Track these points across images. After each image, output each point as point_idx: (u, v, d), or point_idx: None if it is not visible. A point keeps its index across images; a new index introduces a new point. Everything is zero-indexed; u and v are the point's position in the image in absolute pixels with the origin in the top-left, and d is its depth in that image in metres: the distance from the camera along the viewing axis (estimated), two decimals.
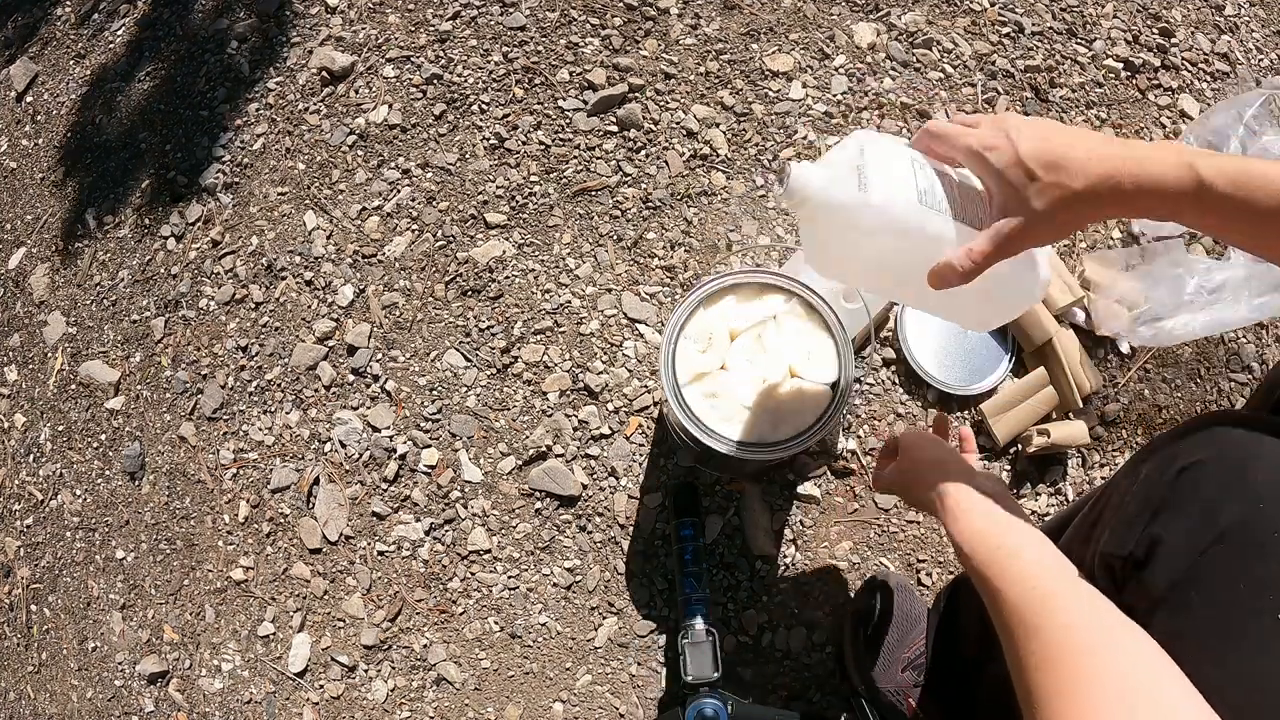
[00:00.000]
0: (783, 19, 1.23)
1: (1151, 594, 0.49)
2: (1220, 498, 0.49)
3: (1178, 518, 0.50)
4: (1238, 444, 0.51)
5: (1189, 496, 0.51)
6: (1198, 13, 1.26)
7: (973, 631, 0.80)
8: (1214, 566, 0.47)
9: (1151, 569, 0.50)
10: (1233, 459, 0.50)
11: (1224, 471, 0.50)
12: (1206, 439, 0.53)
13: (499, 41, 1.24)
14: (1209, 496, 0.50)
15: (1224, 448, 0.51)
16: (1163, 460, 0.54)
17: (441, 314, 1.13)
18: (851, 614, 0.95)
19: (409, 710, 1.01)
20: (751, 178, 1.15)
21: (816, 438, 0.81)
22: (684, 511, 0.97)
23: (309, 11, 1.32)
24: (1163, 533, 0.50)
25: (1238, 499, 0.48)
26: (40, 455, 1.23)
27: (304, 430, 1.12)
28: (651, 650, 1.00)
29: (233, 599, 1.09)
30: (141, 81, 1.37)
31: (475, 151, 1.20)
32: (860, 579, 1.01)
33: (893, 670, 0.88)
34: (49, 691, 1.13)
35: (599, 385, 1.07)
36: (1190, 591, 0.48)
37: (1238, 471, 0.49)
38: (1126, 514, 0.54)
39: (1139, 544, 0.51)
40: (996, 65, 1.20)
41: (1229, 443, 0.51)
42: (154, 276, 1.24)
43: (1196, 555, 0.48)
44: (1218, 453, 0.51)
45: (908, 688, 0.87)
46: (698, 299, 0.85)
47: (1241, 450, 0.50)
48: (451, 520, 1.06)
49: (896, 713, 0.88)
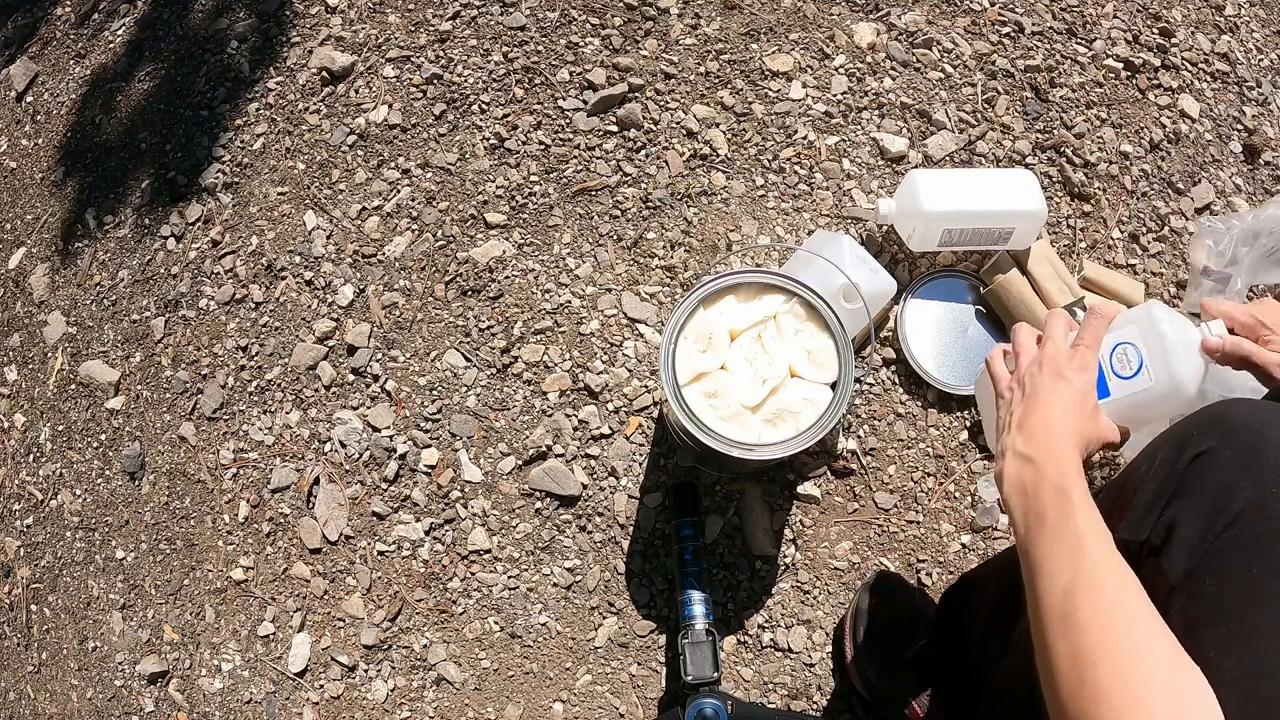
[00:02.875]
0: (783, 19, 1.23)
1: (1168, 579, 0.50)
2: (1233, 482, 0.50)
3: (1192, 503, 0.51)
4: (1249, 428, 0.51)
5: (1202, 482, 0.51)
6: (1198, 13, 1.26)
7: (974, 632, 0.80)
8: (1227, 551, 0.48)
9: (1168, 554, 0.50)
10: (1245, 443, 0.51)
11: (1236, 456, 0.51)
12: (1219, 425, 0.53)
13: (499, 41, 1.24)
14: (1222, 481, 0.50)
15: (1236, 432, 0.52)
16: (1176, 447, 0.54)
17: (441, 314, 1.13)
18: (852, 614, 0.95)
19: (409, 710, 1.01)
20: (751, 178, 1.15)
21: (816, 438, 0.81)
22: (684, 511, 0.97)
23: (309, 11, 1.32)
24: (1178, 518, 0.51)
25: (1250, 483, 0.49)
26: (40, 455, 1.23)
27: (304, 430, 1.12)
28: (651, 650, 1.00)
29: (233, 599, 1.09)
30: (141, 81, 1.37)
31: (475, 151, 1.20)
32: (860, 579, 1.01)
33: (892, 670, 0.88)
34: (49, 691, 1.13)
35: (599, 385, 1.07)
36: (1205, 577, 0.48)
37: (1250, 455, 0.50)
38: (1142, 501, 0.54)
39: (1155, 530, 0.52)
40: (996, 65, 1.20)
41: (1241, 427, 0.52)
42: (154, 276, 1.24)
43: (1210, 540, 0.48)
44: (1230, 438, 0.52)
45: (908, 687, 0.87)
46: (698, 299, 0.85)
47: (1253, 435, 0.51)
48: (451, 520, 1.06)
49: (896, 713, 0.88)
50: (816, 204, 1.14)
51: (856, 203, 1.14)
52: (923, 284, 1.09)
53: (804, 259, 1.03)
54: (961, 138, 1.16)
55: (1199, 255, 1.07)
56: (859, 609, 0.93)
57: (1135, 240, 1.13)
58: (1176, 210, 1.15)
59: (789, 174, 1.15)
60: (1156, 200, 1.15)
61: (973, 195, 1.01)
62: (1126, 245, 1.13)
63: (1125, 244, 1.13)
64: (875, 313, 1.01)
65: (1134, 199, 1.15)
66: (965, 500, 1.03)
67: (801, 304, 0.85)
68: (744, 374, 0.84)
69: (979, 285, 1.08)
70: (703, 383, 0.84)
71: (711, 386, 0.84)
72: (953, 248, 1.06)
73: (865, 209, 1.13)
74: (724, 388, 0.84)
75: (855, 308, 0.95)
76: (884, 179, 1.15)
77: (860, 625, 0.92)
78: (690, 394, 0.83)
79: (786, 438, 0.81)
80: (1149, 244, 1.13)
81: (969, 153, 1.16)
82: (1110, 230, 1.14)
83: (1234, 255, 1.03)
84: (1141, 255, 1.13)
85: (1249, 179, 1.18)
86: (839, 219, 1.14)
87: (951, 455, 1.05)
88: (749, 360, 0.85)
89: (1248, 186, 1.18)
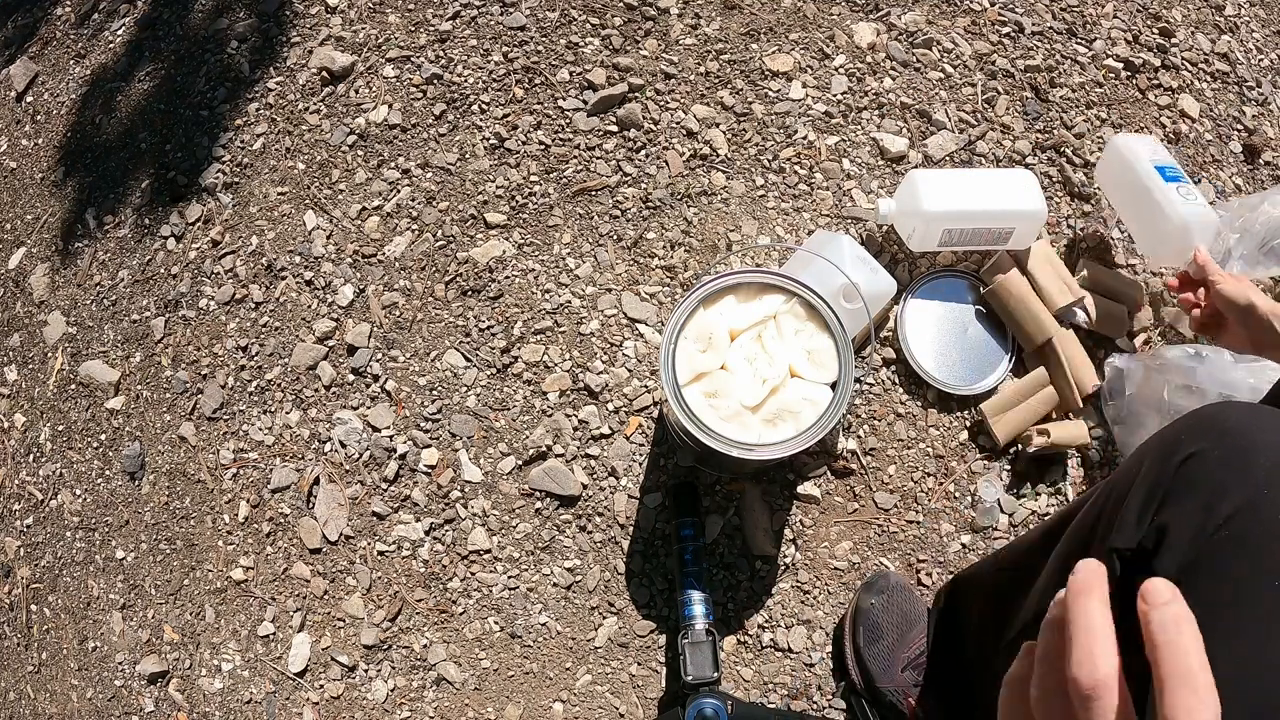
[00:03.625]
0: (783, 19, 1.23)
1: None
2: (1224, 483, 0.49)
3: (1183, 506, 0.50)
4: (1240, 430, 0.51)
5: (1192, 485, 0.51)
6: (1198, 13, 1.26)
7: (972, 630, 0.80)
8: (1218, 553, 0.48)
9: (1161, 558, 0.50)
10: (1236, 445, 0.51)
11: (1227, 457, 0.50)
12: (1210, 427, 0.53)
13: (499, 41, 1.24)
14: (1212, 483, 0.50)
15: (1228, 434, 0.51)
16: (1166, 450, 0.54)
17: (441, 314, 1.13)
18: (852, 612, 0.95)
19: (409, 710, 1.01)
20: (751, 178, 1.15)
21: (816, 438, 0.81)
22: (684, 511, 0.97)
23: (309, 11, 1.32)
24: (1169, 522, 0.50)
25: (1240, 485, 0.49)
26: (40, 455, 1.23)
27: (304, 430, 1.12)
28: (651, 650, 1.00)
29: (233, 599, 1.09)
30: (141, 81, 1.37)
31: (475, 151, 1.20)
32: (860, 579, 1.01)
33: (892, 670, 0.88)
34: (49, 691, 1.13)
35: (599, 385, 1.07)
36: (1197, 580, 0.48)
37: (1241, 457, 0.50)
38: (1134, 506, 0.54)
39: (1147, 535, 0.52)
40: (996, 65, 1.20)
41: (1232, 429, 0.52)
42: (154, 276, 1.24)
43: (1201, 542, 0.48)
44: (1222, 440, 0.51)
45: (907, 687, 0.87)
46: (698, 299, 0.85)
47: (1244, 437, 0.51)
48: (451, 520, 1.06)
49: (896, 712, 0.88)
50: (816, 204, 1.14)
51: (856, 203, 1.14)
52: (923, 284, 1.09)
53: (804, 259, 1.03)
54: (961, 138, 1.16)
55: None
56: (859, 608, 0.93)
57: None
58: None
59: (789, 174, 1.15)
60: None
61: (973, 195, 1.01)
62: (1126, 245, 1.13)
63: (1125, 244, 1.13)
64: (875, 313, 1.01)
65: None
66: (965, 500, 1.03)
67: (801, 304, 0.85)
68: (744, 374, 0.84)
69: (979, 285, 1.08)
70: (703, 383, 0.84)
71: (711, 386, 0.84)
72: (953, 248, 1.06)
73: (865, 209, 1.13)
74: (724, 388, 0.84)
75: (855, 308, 0.95)
76: (884, 179, 1.15)
77: (860, 624, 0.92)
78: (690, 394, 0.83)
79: (786, 438, 0.81)
80: None
81: (969, 153, 1.16)
82: (1110, 230, 1.14)
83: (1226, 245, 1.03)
84: (1141, 255, 1.13)
85: (1249, 179, 1.18)
86: (839, 219, 1.14)
87: (951, 455, 1.05)
88: (749, 360, 0.85)
89: (1248, 186, 1.18)
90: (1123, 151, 1.06)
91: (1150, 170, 1.03)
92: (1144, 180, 1.02)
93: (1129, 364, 1.01)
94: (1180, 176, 1.03)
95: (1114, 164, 1.07)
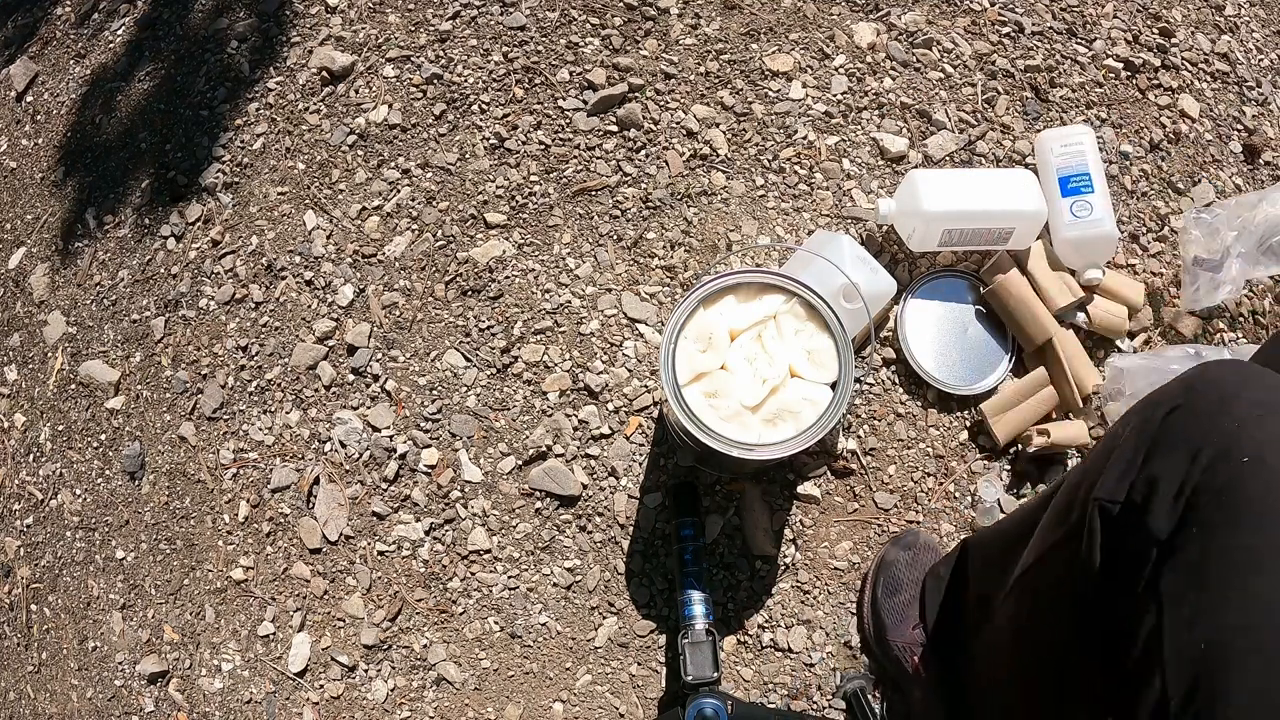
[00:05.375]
0: (783, 19, 1.23)
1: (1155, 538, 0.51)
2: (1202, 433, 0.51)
3: (1168, 459, 0.52)
4: (1222, 382, 0.53)
5: (1175, 437, 0.52)
6: (1198, 13, 1.26)
7: (976, 575, 0.82)
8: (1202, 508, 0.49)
9: (1153, 513, 0.51)
10: (1214, 397, 0.52)
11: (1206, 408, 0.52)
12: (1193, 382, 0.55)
13: (499, 41, 1.24)
14: (1191, 434, 0.51)
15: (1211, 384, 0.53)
16: (1151, 406, 0.56)
17: (441, 314, 1.13)
18: (876, 564, 0.98)
19: (409, 710, 1.01)
20: (752, 178, 1.15)
21: (816, 438, 0.81)
22: (684, 511, 0.97)
23: (309, 11, 1.32)
24: (1159, 474, 0.52)
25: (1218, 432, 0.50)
26: (40, 455, 1.23)
27: (304, 430, 1.12)
28: (651, 650, 1.00)
29: (233, 599, 1.09)
30: (141, 81, 1.37)
31: (475, 151, 1.20)
32: (860, 579, 1.01)
33: (904, 626, 0.91)
34: (49, 691, 1.13)
35: (599, 385, 1.07)
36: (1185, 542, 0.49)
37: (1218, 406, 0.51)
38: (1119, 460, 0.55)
39: (1137, 488, 0.53)
40: (996, 65, 1.20)
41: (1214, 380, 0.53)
42: (154, 276, 1.24)
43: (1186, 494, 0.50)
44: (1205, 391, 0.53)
45: (914, 645, 0.89)
46: (698, 299, 0.85)
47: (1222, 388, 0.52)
48: (451, 520, 1.06)
49: (900, 668, 0.90)
50: (816, 204, 1.14)
51: (856, 203, 1.14)
52: (923, 284, 1.09)
53: (804, 259, 1.03)
54: (961, 138, 1.16)
55: (1189, 248, 1.07)
56: (884, 559, 0.96)
57: (1135, 240, 1.13)
58: (1176, 210, 1.15)
59: (789, 174, 1.15)
60: (1156, 200, 1.15)
61: (973, 195, 1.01)
62: (1126, 245, 1.13)
63: (1125, 244, 1.13)
64: (875, 313, 1.01)
65: (1134, 199, 1.15)
66: (965, 500, 1.04)
67: (801, 304, 0.85)
68: (744, 374, 0.84)
69: (979, 285, 1.08)
70: (703, 383, 0.84)
71: (711, 386, 0.84)
72: (953, 248, 1.06)
73: (865, 209, 1.13)
74: (724, 388, 0.84)
75: (855, 308, 0.95)
76: (884, 179, 1.15)
77: (883, 575, 0.95)
78: (690, 394, 0.83)
79: (786, 438, 0.81)
80: (1149, 244, 1.13)
81: (969, 153, 1.16)
82: None
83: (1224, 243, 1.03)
84: (1141, 255, 1.13)
85: (1249, 179, 1.18)
86: (839, 219, 1.14)
87: (951, 455, 1.05)
88: (749, 360, 0.85)
89: (1248, 186, 1.18)
90: (1039, 153, 1.10)
91: (1053, 181, 1.06)
92: (1047, 190, 1.06)
93: (1129, 364, 1.01)
94: (1081, 188, 1.04)
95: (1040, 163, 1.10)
